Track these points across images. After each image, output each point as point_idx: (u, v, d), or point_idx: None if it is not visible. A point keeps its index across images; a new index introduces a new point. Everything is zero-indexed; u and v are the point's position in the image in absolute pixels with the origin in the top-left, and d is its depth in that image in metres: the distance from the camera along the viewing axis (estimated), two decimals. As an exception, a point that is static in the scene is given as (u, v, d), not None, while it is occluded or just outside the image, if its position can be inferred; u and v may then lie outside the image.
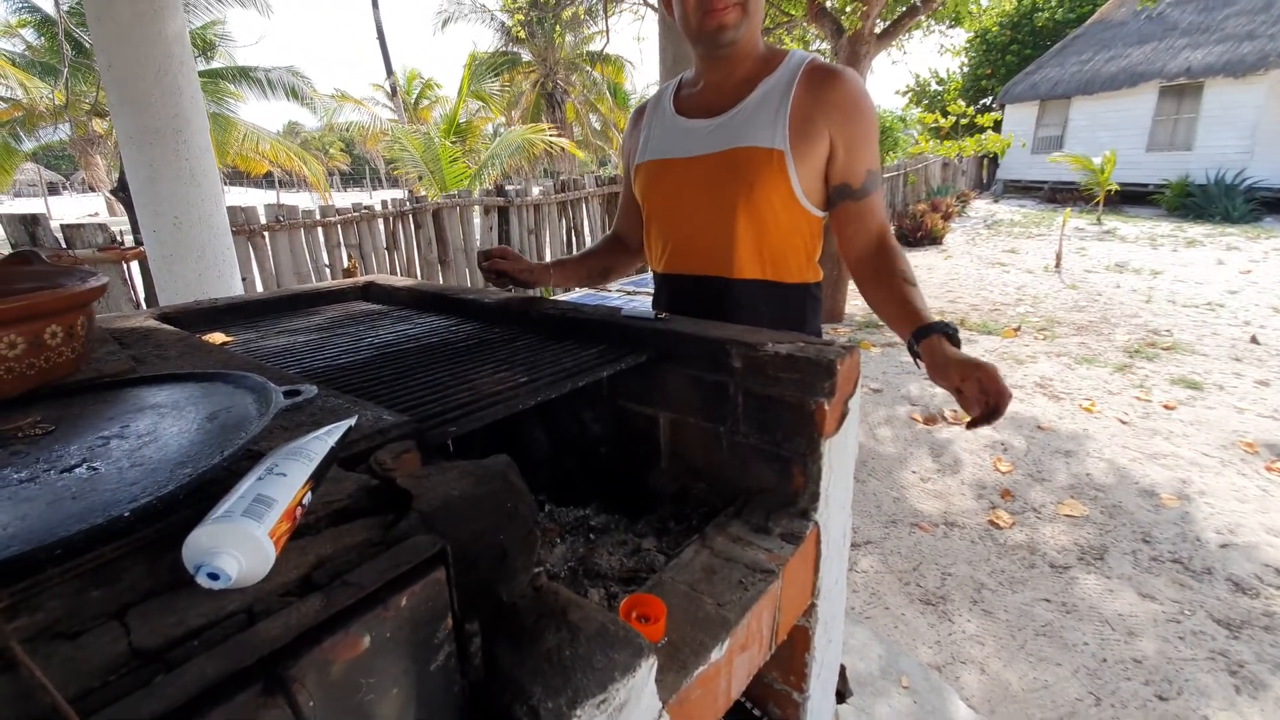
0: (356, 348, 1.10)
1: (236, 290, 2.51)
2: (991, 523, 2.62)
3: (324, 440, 0.50)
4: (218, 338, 1.18)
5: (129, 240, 3.44)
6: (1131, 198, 12.92)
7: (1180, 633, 2.00)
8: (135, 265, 3.50)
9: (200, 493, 0.50)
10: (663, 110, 1.22)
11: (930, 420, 3.59)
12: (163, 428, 0.60)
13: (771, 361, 0.88)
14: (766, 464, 0.91)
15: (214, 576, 0.38)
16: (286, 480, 0.44)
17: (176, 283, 2.28)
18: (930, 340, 0.91)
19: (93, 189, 17.74)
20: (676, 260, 1.21)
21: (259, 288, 4.34)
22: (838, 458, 0.88)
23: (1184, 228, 10.31)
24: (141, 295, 3.54)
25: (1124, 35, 14.26)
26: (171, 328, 1.15)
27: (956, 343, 0.91)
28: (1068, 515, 2.64)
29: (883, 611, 2.15)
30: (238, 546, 0.39)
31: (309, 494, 0.46)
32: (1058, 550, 2.43)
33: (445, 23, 16.47)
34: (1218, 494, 2.75)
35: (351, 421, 0.56)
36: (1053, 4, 18.15)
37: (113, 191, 3.66)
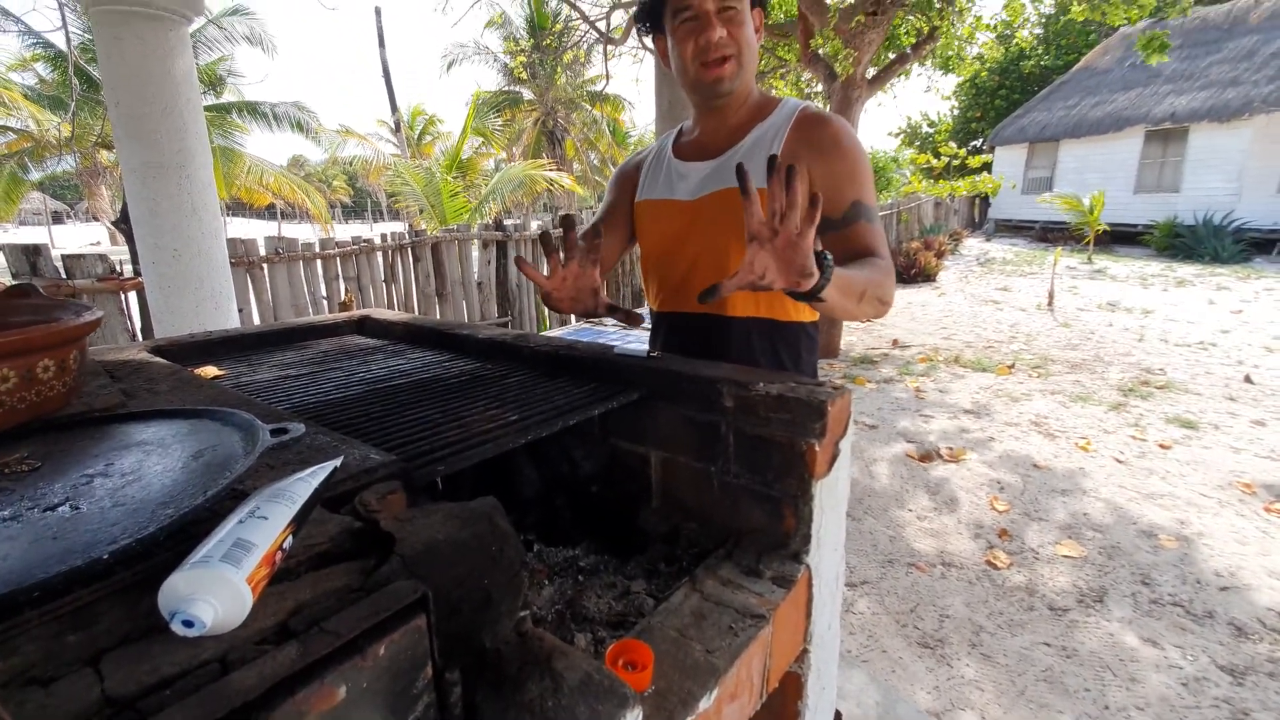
0: (348, 383, 1.10)
1: (233, 321, 2.52)
2: (989, 563, 2.59)
3: (308, 482, 0.49)
4: (210, 371, 1.18)
5: (128, 270, 3.46)
6: (1121, 238, 13.14)
7: (1183, 678, 1.96)
8: (133, 295, 3.51)
9: (182, 534, 0.49)
10: (663, 155, 1.25)
11: (926, 458, 3.58)
12: (147, 466, 0.60)
13: (763, 401, 0.88)
14: (757, 505, 0.90)
15: (189, 624, 0.37)
16: (268, 524, 0.43)
17: (173, 314, 2.29)
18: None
19: (96, 218, 17.91)
20: (673, 299, 1.23)
21: (256, 319, 4.35)
22: (829, 499, 0.88)
23: (1174, 267, 10.46)
24: (138, 325, 3.55)
25: (1109, 82, 14.70)
26: (164, 361, 1.15)
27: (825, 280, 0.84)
28: (1066, 556, 2.61)
29: (880, 655, 2.11)
30: (214, 593, 0.38)
31: (290, 537, 0.45)
32: (1057, 592, 2.39)
33: (450, 64, 16.91)
34: (1217, 535, 2.73)
35: (337, 462, 0.56)
36: (1039, 51, 18.76)
37: (115, 223, 3.69)
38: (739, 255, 1.09)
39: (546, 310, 6.64)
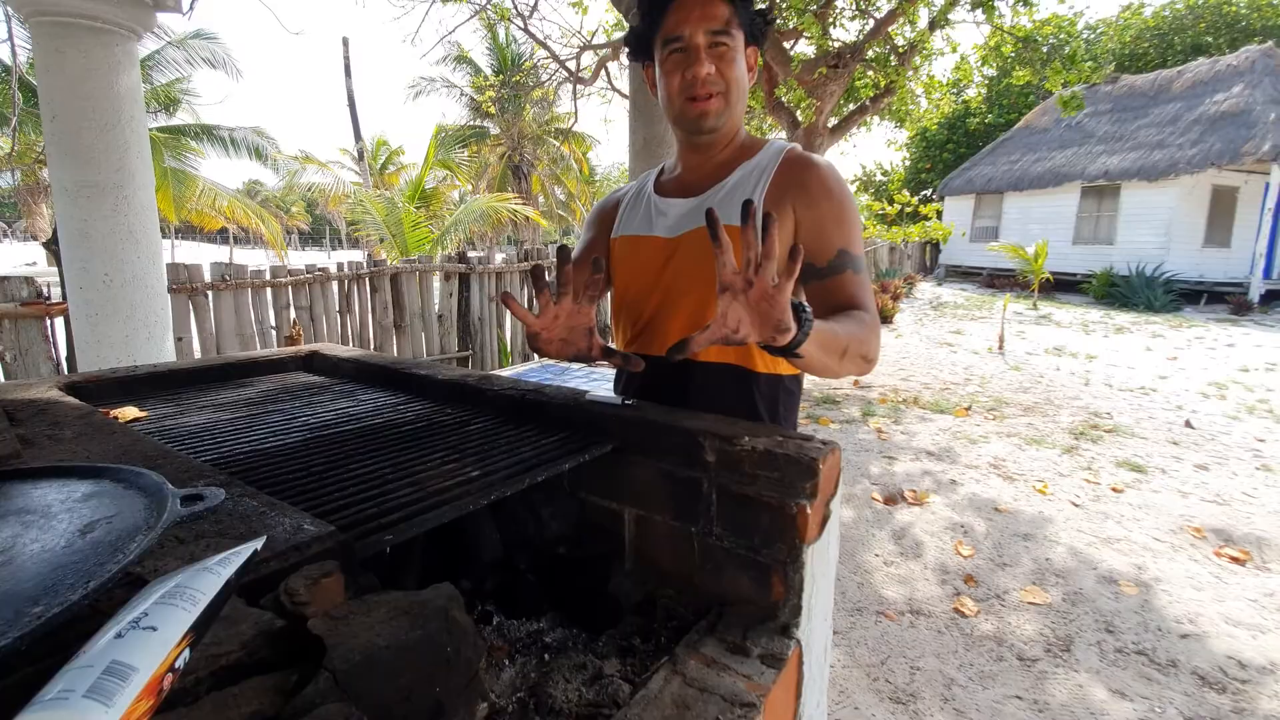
0: (288, 429, 0.99)
1: (167, 353, 2.34)
2: (957, 610, 2.55)
3: (216, 574, 0.40)
4: (129, 413, 1.06)
5: (57, 294, 3.23)
6: (1062, 285, 13.83)
7: (1154, 733, 1.93)
8: (60, 321, 3.27)
9: (52, 640, 0.39)
10: (643, 192, 1.20)
11: (890, 500, 3.57)
12: (22, 545, 0.49)
13: (748, 457, 0.81)
14: (743, 571, 0.83)
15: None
16: (155, 637, 0.34)
17: (101, 343, 2.11)
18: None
19: (34, 238, 17.05)
20: (644, 340, 1.16)
21: (196, 349, 4.11)
22: (820, 565, 0.81)
23: (1112, 315, 11.00)
24: (64, 354, 3.29)
25: (1048, 140, 15.68)
26: (75, 401, 1.02)
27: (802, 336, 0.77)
28: (1031, 603, 2.60)
29: (852, 712, 2.02)
30: (68, 745, 0.28)
31: (188, 649, 0.36)
32: (1025, 641, 2.36)
33: (417, 94, 16.92)
34: (1173, 581, 2.76)
35: (258, 543, 0.46)
36: (983, 109, 19.96)
37: (45, 244, 3.47)
38: (700, 298, 1.05)
39: (507, 344, 6.51)
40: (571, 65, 6.85)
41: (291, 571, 0.49)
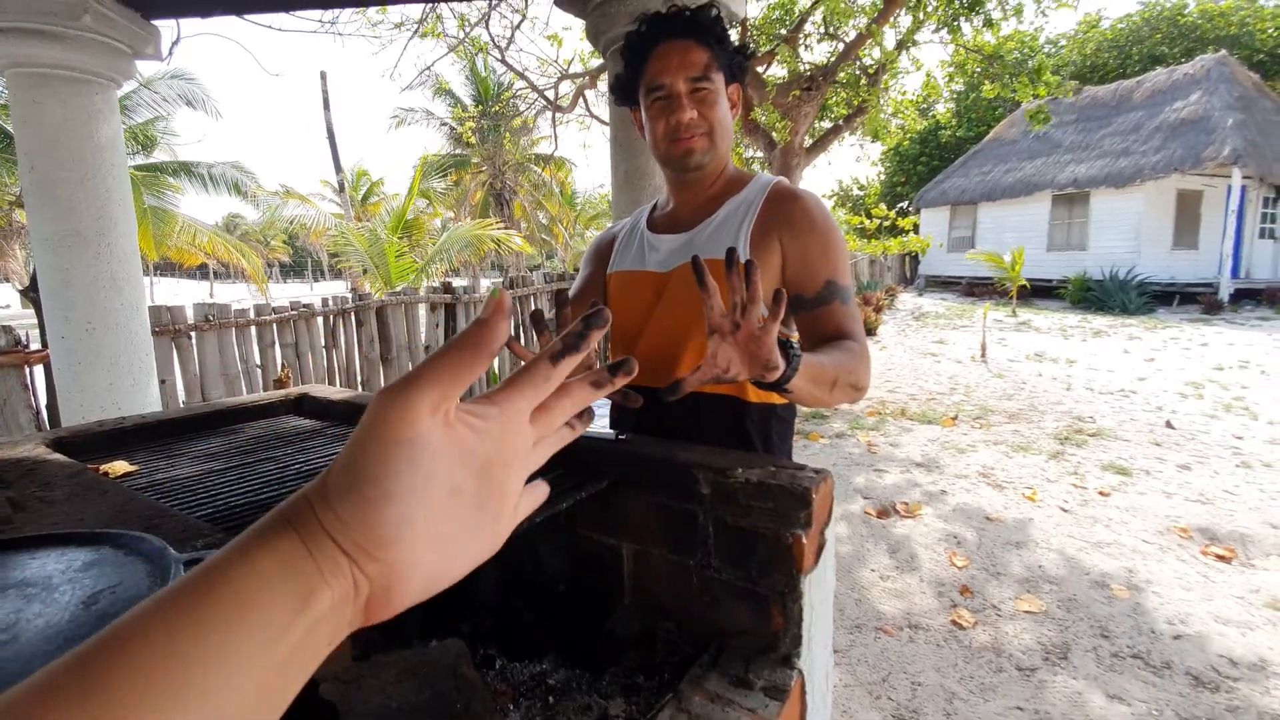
0: (281, 478, 0.99)
1: (153, 398, 2.32)
2: (954, 622, 2.56)
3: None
4: (120, 467, 1.05)
5: (35, 342, 3.18)
6: (1039, 292, 14.09)
7: (1154, 738, 1.95)
8: (40, 369, 3.22)
9: None
10: (637, 228, 1.24)
11: (883, 513, 3.58)
12: (26, 620, 0.49)
13: (742, 489, 0.83)
14: (741, 602, 0.84)
15: None
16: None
17: (84, 393, 2.08)
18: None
19: (6, 279, 16.80)
20: (641, 374, 1.18)
21: (180, 391, 4.06)
22: (818, 594, 0.82)
23: (1089, 319, 11.22)
24: (44, 402, 3.24)
25: (1017, 151, 16.08)
26: (63, 458, 1.01)
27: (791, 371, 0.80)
28: (1027, 611, 2.62)
29: (856, 732, 2.01)
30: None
31: None
32: (1023, 650, 2.37)
33: (399, 124, 17.02)
34: (1163, 582, 2.79)
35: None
36: (953, 124, 20.46)
37: (23, 291, 3.44)
38: (692, 330, 1.07)
39: (496, 373, 6.49)
40: (550, 94, 6.95)
41: (298, 633, 0.50)
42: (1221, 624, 2.49)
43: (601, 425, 1.23)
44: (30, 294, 2.81)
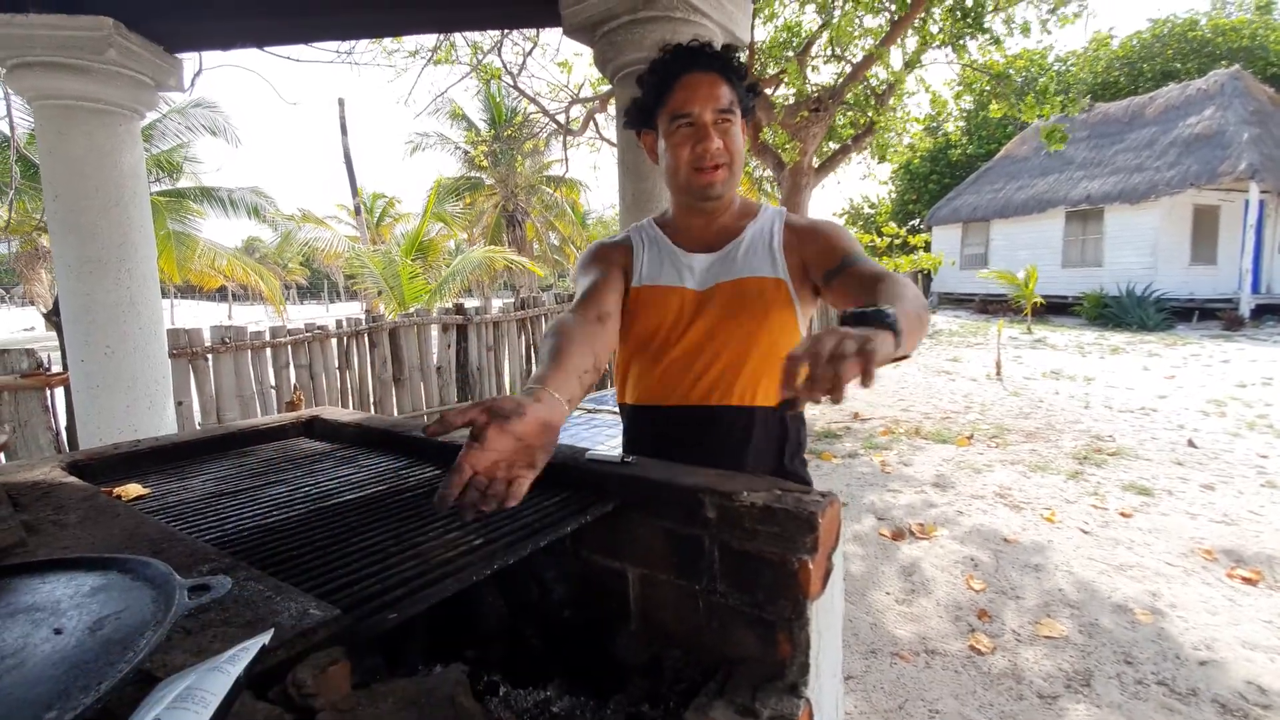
0: (291, 501, 0.99)
1: (169, 421, 2.35)
2: (972, 648, 2.50)
3: (226, 672, 0.41)
4: (133, 490, 1.06)
5: (57, 365, 3.25)
6: (1054, 308, 13.95)
7: (1183, 771, 1.88)
8: (60, 391, 3.28)
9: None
10: (660, 243, 1.25)
11: (898, 535, 3.53)
12: (33, 645, 0.49)
13: (748, 513, 0.82)
14: (748, 629, 0.83)
15: None
16: (168, 745, 0.35)
17: (102, 414, 2.12)
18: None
19: (32, 303, 17.20)
20: (659, 390, 1.19)
21: (196, 411, 4.11)
22: (825, 620, 0.81)
23: (1106, 336, 11.07)
24: (63, 424, 3.30)
25: (1029, 168, 16.05)
26: (78, 481, 1.03)
27: (892, 330, 0.75)
28: (1047, 636, 2.55)
29: (872, 762, 1.97)
30: None
31: (199, 754, 0.36)
32: (1044, 677, 2.31)
33: (414, 149, 17.34)
34: (1188, 606, 2.72)
35: (265, 638, 0.47)
36: (963, 141, 20.47)
37: (46, 315, 3.50)
38: (764, 340, 1.14)
39: (506, 394, 6.52)
40: (561, 118, 7.05)
41: (299, 660, 0.50)
42: (1249, 649, 2.41)
43: (611, 445, 1.23)
44: (53, 318, 2.87)
